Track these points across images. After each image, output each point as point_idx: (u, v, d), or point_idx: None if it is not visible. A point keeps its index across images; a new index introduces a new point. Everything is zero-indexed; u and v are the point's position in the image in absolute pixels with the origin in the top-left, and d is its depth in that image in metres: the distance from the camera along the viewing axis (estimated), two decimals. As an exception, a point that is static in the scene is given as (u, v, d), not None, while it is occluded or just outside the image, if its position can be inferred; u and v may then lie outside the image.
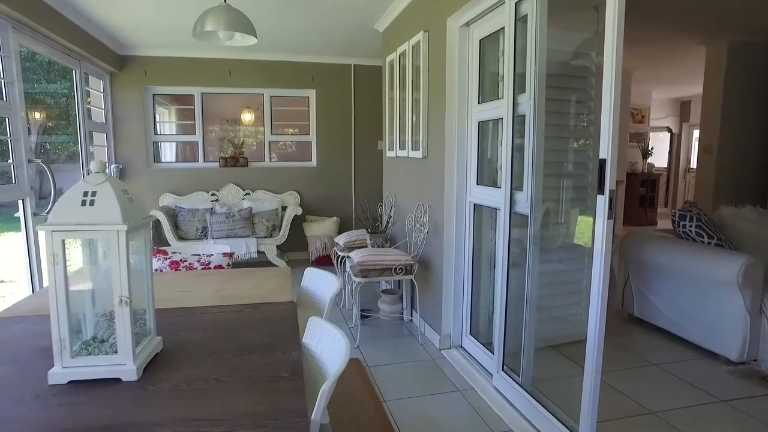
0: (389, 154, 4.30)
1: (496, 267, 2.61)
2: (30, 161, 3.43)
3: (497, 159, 2.76)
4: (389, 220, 4.06)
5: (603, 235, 1.78)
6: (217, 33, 3.14)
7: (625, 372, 2.83)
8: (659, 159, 9.48)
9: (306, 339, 1.44)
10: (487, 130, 2.89)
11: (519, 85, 2.35)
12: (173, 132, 5.94)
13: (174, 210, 5.21)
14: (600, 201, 1.80)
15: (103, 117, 5.16)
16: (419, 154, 3.44)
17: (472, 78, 2.93)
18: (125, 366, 1.17)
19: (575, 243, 2.70)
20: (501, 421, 2.34)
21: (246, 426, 1.00)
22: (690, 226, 3.33)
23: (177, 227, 5.11)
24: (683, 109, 9.55)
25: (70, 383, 1.15)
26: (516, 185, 2.42)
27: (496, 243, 2.68)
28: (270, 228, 5.24)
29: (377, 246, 3.70)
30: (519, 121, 2.38)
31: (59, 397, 1.10)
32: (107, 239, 1.14)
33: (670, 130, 9.69)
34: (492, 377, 2.63)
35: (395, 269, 3.22)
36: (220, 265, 2.45)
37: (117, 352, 1.17)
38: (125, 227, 1.13)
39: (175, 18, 4.06)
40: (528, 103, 2.30)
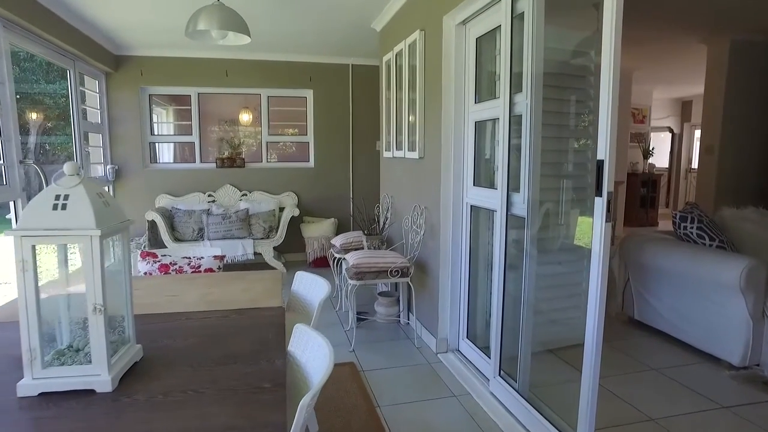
0: (386, 154, 4.25)
1: (492, 270, 2.56)
2: (22, 162, 3.39)
3: (494, 160, 2.71)
4: (386, 221, 4.01)
5: (601, 238, 1.74)
6: (210, 32, 3.11)
7: (625, 377, 2.78)
8: (660, 159, 9.42)
9: (291, 347, 1.39)
10: (484, 130, 2.84)
11: (516, 85, 2.30)
12: (171, 132, 5.90)
13: (170, 211, 5.16)
14: (598, 203, 1.76)
15: (99, 117, 5.12)
16: (415, 154, 3.39)
17: (468, 77, 2.88)
18: (100, 377, 1.12)
19: (575, 244, 2.64)
20: (497, 428, 2.29)
21: (221, 441, 0.95)
22: (691, 227, 3.27)
23: (173, 228, 5.06)
24: (684, 109, 9.48)
25: (40, 395, 1.10)
26: (513, 186, 2.37)
27: (493, 245, 2.63)
28: (267, 229, 5.19)
29: (373, 248, 3.65)
30: (516, 121, 2.33)
31: (28, 411, 1.05)
32: (80, 245, 1.09)
33: (671, 130, 9.63)
34: (489, 382, 2.58)
35: (391, 272, 3.16)
36: (210, 269, 2.40)
37: (91, 362, 1.12)
38: (99, 232, 1.08)
39: (171, 18, 4.01)
40: (525, 103, 2.25)
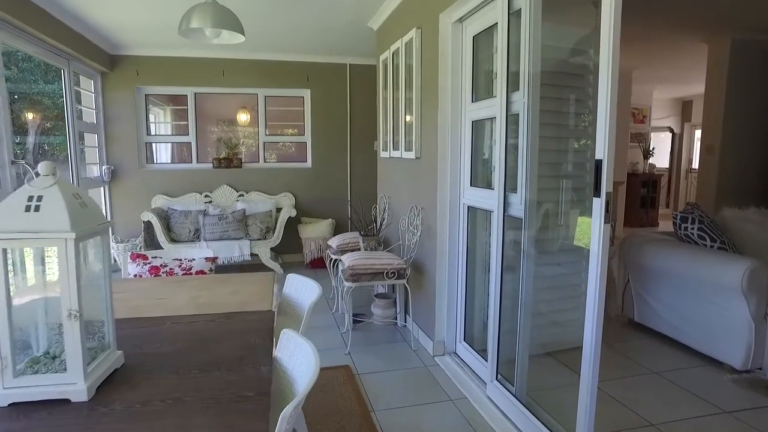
0: (383, 154, 4.20)
1: (490, 271, 2.52)
2: (14, 162, 3.35)
3: (491, 160, 2.66)
4: (383, 222, 3.96)
5: (600, 238, 1.70)
6: (204, 30, 3.06)
7: (624, 380, 2.73)
8: (660, 159, 9.37)
9: (278, 352, 1.35)
10: (482, 129, 2.80)
11: (513, 83, 2.26)
12: (169, 132, 5.85)
13: (166, 212, 5.12)
14: (596, 204, 1.71)
15: (95, 117, 5.08)
16: (412, 154, 3.34)
17: (465, 76, 2.84)
18: (75, 385, 1.07)
19: (574, 245, 2.60)
20: (494, 433, 2.25)
21: (199, 454, 0.91)
22: (692, 228, 3.22)
23: (169, 229, 5.02)
24: (685, 109, 9.43)
25: (11, 406, 1.05)
26: (510, 187, 2.32)
27: (490, 246, 2.58)
28: (264, 230, 5.15)
29: (370, 249, 3.60)
30: (513, 121, 2.28)
31: (-3, 422, 1.01)
32: (55, 248, 1.05)
33: (671, 130, 9.57)
34: (486, 386, 2.54)
35: (387, 273, 3.12)
36: (202, 271, 2.36)
37: (66, 370, 1.08)
38: (73, 235, 1.03)
39: (167, 17, 3.97)
40: (522, 102, 2.20)
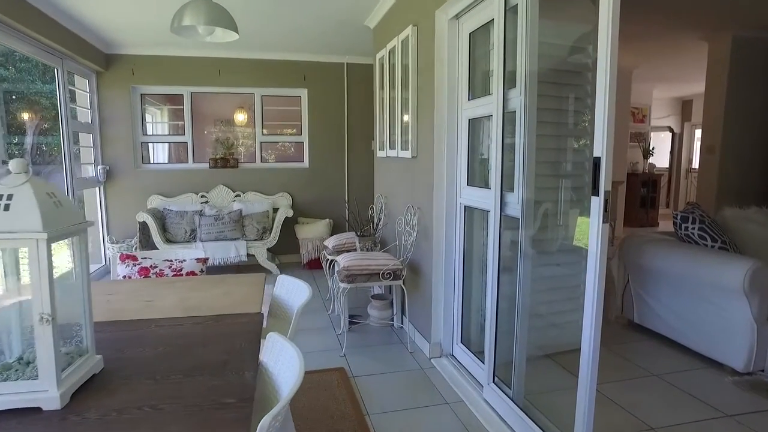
0: (380, 154, 4.16)
1: (487, 272, 2.47)
2: (5, 162, 3.31)
3: (488, 158, 2.61)
4: (379, 222, 3.91)
5: (598, 238, 1.66)
6: (197, 28, 3.02)
7: (624, 383, 2.68)
8: (660, 159, 9.32)
9: (264, 357, 1.30)
10: (478, 128, 2.75)
11: (509, 80, 2.21)
12: (166, 132, 5.81)
13: (162, 212, 5.07)
14: (594, 203, 1.67)
15: (89, 117, 5.03)
16: (408, 153, 3.30)
17: (461, 73, 2.79)
18: (47, 393, 1.03)
19: (573, 246, 2.56)
20: (490, 438, 2.20)
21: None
22: (692, 228, 3.18)
23: (165, 230, 4.97)
24: (685, 109, 9.38)
25: (-21, 414, 1.01)
26: (507, 186, 2.27)
27: (487, 247, 2.53)
28: (260, 230, 5.10)
29: (366, 249, 3.56)
30: (510, 119, 2.23)
31: (-36, 432, 0.96)
32: (26, 249, 1.00)
33: (671, 129, 9.53)
34: (483, 389, 2.49)
35: (383, 274, 3.07)
36: (192, 272, 2.31)
37: (38, 376, 1.03)
38: (45, 236, 0.99)
39: (161, 16, 3.92)
40: (519, 99, 2.16)
